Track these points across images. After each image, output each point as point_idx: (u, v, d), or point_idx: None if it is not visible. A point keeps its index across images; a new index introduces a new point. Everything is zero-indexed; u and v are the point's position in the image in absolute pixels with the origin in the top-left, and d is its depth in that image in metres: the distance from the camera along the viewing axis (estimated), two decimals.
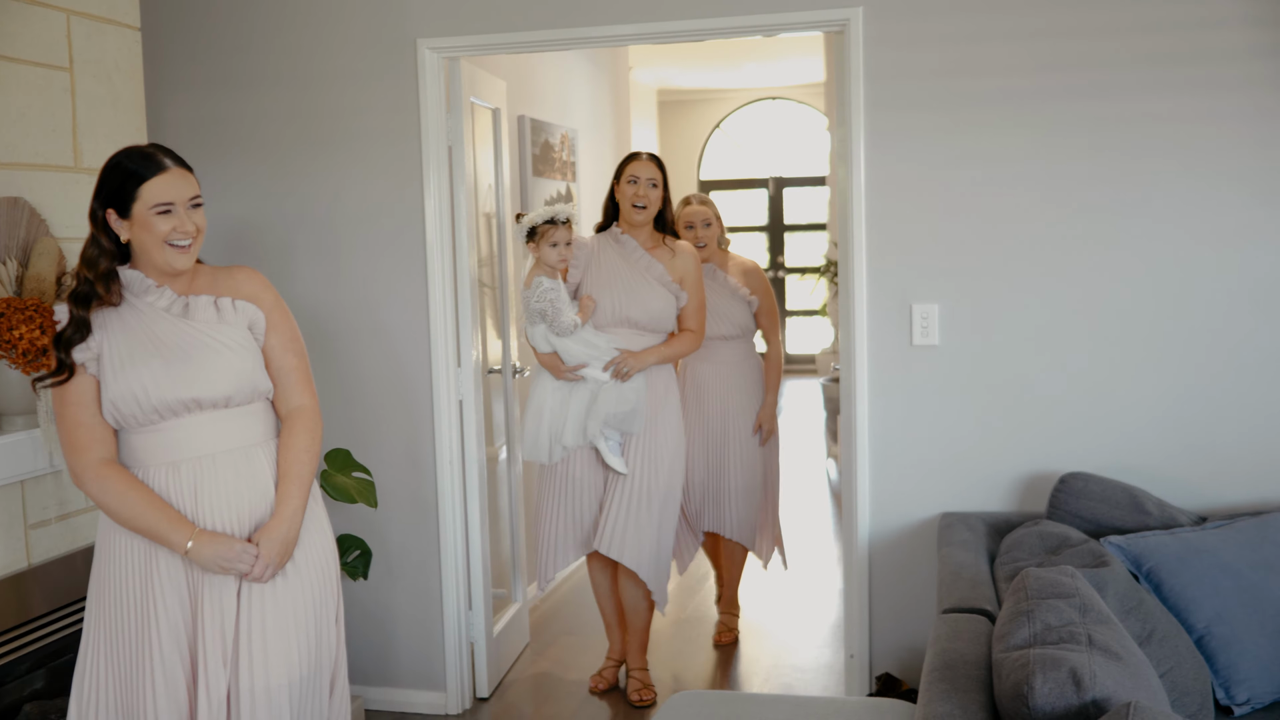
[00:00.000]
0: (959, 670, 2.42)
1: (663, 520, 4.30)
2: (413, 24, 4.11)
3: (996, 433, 3.84)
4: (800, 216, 13.86)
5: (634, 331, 4.26)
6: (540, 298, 4.17)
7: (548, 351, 4.23)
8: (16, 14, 3.26)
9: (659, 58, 10.71)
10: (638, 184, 4.32)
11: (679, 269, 4.35)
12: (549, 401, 4.27)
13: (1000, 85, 3.74)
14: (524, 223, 4.21)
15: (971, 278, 3.82)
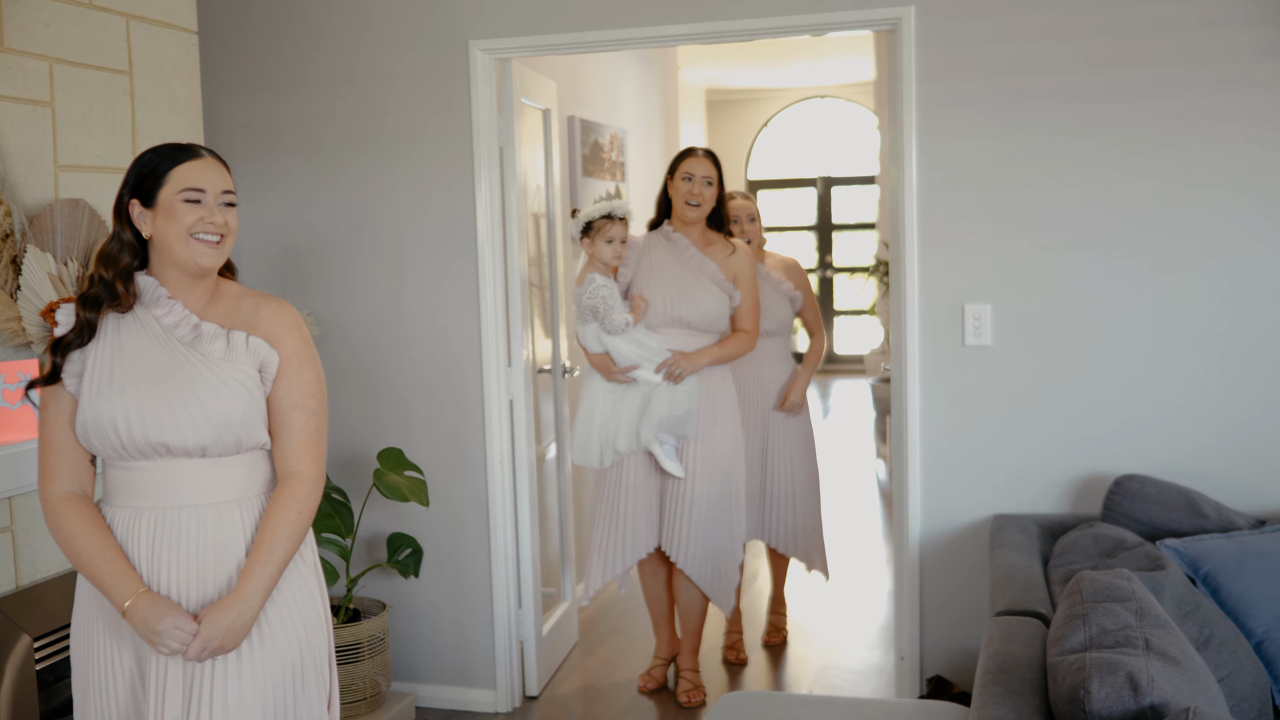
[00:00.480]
0: (1013, 673, 2.40)
1: (724, 525, 4.25)
2: (464, 25, 4.14)
3: (1049, 434, 3.81)
4: (848, 216, 13.80)
5: (686, 332, 4.19)
6: (593, 294, 4.11)
7: (599, 352, 4.18)
8: (78, 19, 3.31)
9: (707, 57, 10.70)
10: (692, 181, 4.24)
11: (733, 267, 4.27)
12: (600, 405, 4.20)
13: (1055, 83, 3.71)
14: (580, 217, 4.17)
15: (1025, 278, 3.79)
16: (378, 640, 4.06)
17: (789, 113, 13.81)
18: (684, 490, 4.19)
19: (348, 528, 4.04)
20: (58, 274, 3.14)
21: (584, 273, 4.21)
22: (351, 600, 4.17)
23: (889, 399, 8.11)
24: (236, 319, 2.43)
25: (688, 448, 4.20)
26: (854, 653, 4.91)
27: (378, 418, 4.35)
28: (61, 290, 3.14)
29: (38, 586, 3.07)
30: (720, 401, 4.27)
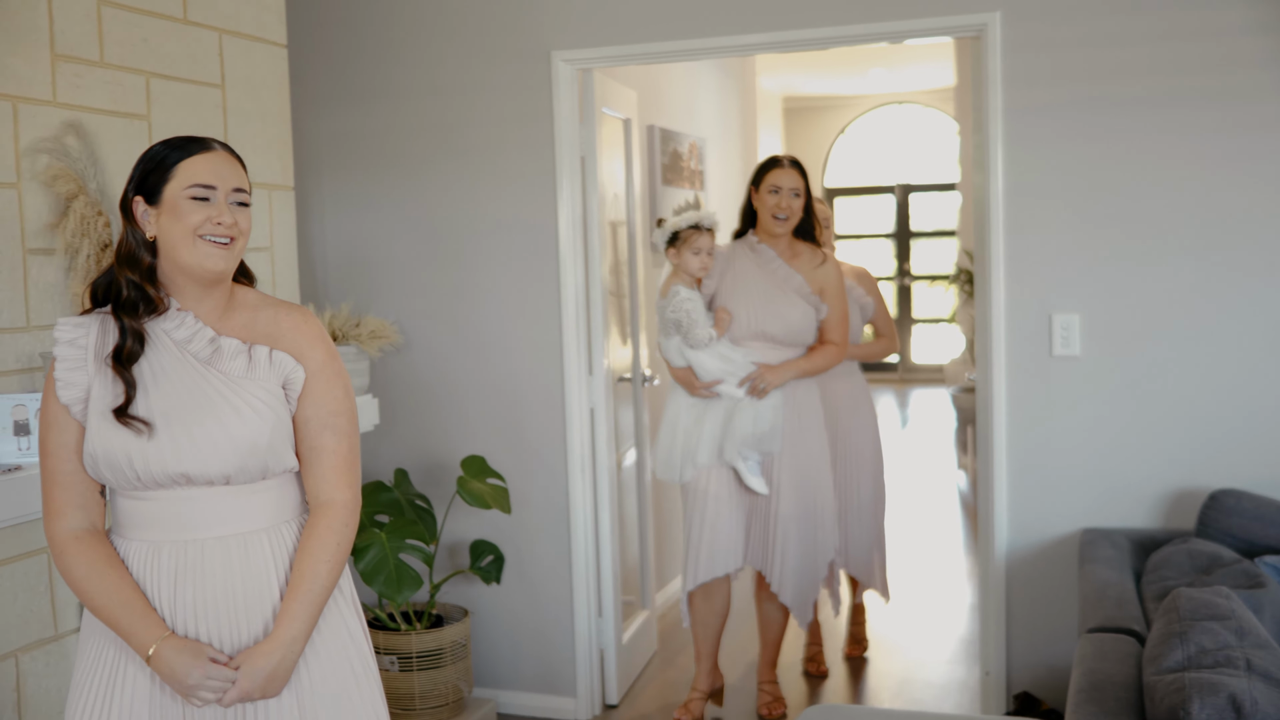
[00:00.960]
0: (1107, 692, 2.36)
1: (813, 543, 4.17)
2: (547, 36, 4.17)
3: (1140, 446, 3.74)
4: (927, 223, 13.66)
5: (771, 346, 4.10)
6: (676, 307, 4.02)
7: (682, 366, 4.09)
8: (174, 34, 3.39)
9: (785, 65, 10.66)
10: (780, 194, 4.12)
11: (820, 279, 4.16)
12: (683, 419, 4.11)
13: (1143, 87, 3.64)
14: (666, 227, 4.08)
15: (1114, 287, 3.72)
16: (460, 646, 4.09)
17: (866, 119, 13.72)
18: (771, 507, 4.11)
19: (431, 534, 4.07)
20: None
21: (668, 284, 4.11)
22: (434, 606, 4.21)
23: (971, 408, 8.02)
24: (256, 331, 2.20)
25: (774, 463, 4.11)
26: (935, 667, 4.85)
27: (460, 425, 4.39)
28: None
29: None
30: (807, 416, 4.18)
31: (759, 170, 4.22)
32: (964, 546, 6.68)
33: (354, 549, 3.76)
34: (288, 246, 3.88)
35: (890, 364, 13.91)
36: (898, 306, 13.82)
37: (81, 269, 3.03)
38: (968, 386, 7.92)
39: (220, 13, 3.56)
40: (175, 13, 3.39)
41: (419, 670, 3.99)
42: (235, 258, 2.16)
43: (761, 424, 4.02)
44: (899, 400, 12.45)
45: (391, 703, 4.01)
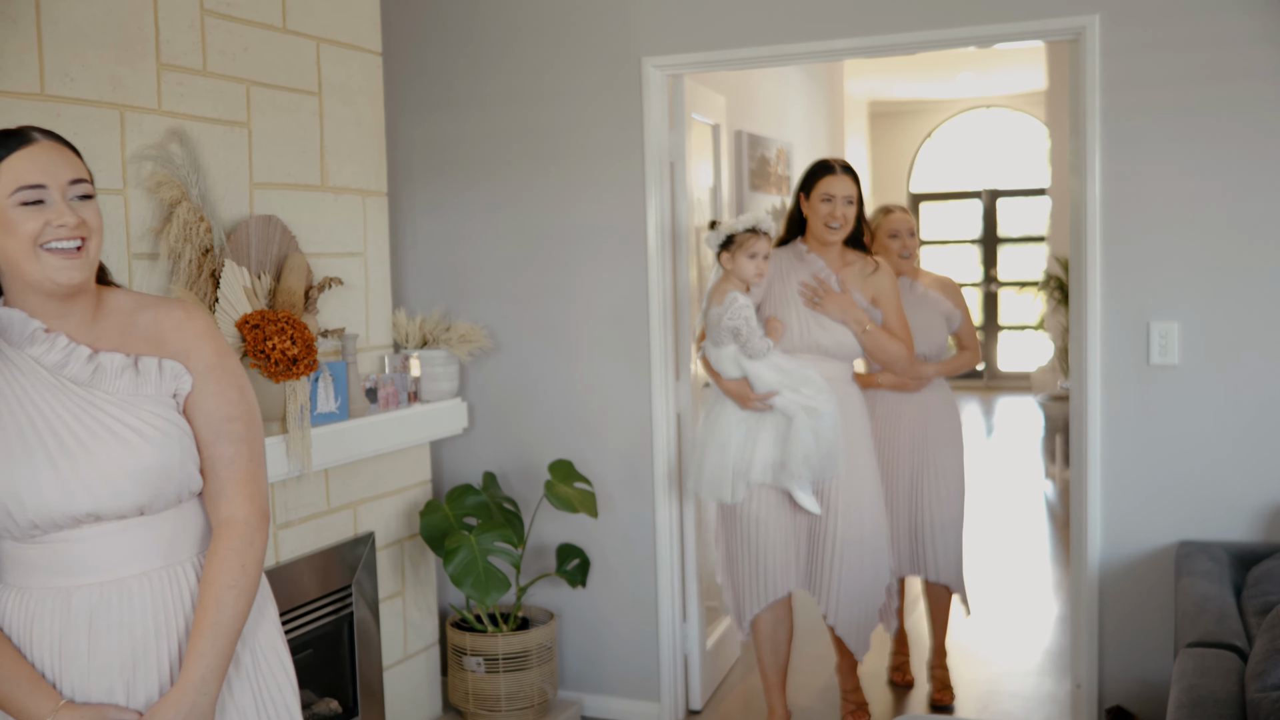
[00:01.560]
0: (1209, 708, 2.31)
1: (871, 568, 3.93)
2: (638, 43, 4.18)
3: (1239, 458, 3.65)
4: (1014, 229, 13.47)
5: (820, 358, 3.89)
6: (734, 315, 3.74)
7: (736, 377, 3.81)
8: (273, 43, 3.46)
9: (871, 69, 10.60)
10: (833, 203, 3.90)
11: (873, 287, 3.98)
12: (735, 434, 3.83)
13: (1244, 91, 3.56)
14: (721, 230, 3.82)
15: (1214, 295, 3.64)
16: (545, 649, 4.12)
17: (953, 124, 13.57)
18: (828, 529, 3.87)
19: (519, 537, 4.11)
20: (251, 287, 3.28)
21: (720, 290, 3.84)
22: (521, 608, 4.24)
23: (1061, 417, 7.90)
24: (135, 339, 1.93)
25: (828, 482, 3.87)
26: (1022, 678, 4.78)
27: (549, 429, 4.42)
28: (255, 303, 3.28)
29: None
30: (857, 433, 3.95)
31: (809, 175, 4.01)
32: (1051, 557, 6.57)
33: (445, 551, 3.80)
34: (381, 251, 3.95)
35: (975, 371, 13.74)
36: (983, 313, 13.64)
37: (184, 273, 3.11)
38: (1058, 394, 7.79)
39: (318, 21, 3.63)
40: (275, 22, 3.46)
41: (505, 672, 4.03)
42: (90, 264, 1.87)
43: (823, 443, 3.75)
44: (984, 408, 12.28)
45: (477, 704, 4.05)
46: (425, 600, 4.06)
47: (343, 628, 3.68)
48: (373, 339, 3.92)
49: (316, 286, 3.51)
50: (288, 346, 3.18)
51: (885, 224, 4.53)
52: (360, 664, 3.73)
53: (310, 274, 3.51)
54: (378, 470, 3.81)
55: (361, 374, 3.80)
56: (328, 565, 3.58)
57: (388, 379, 3.82)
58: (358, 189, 3.83)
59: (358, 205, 3.83)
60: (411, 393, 3.96)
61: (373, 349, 3.92)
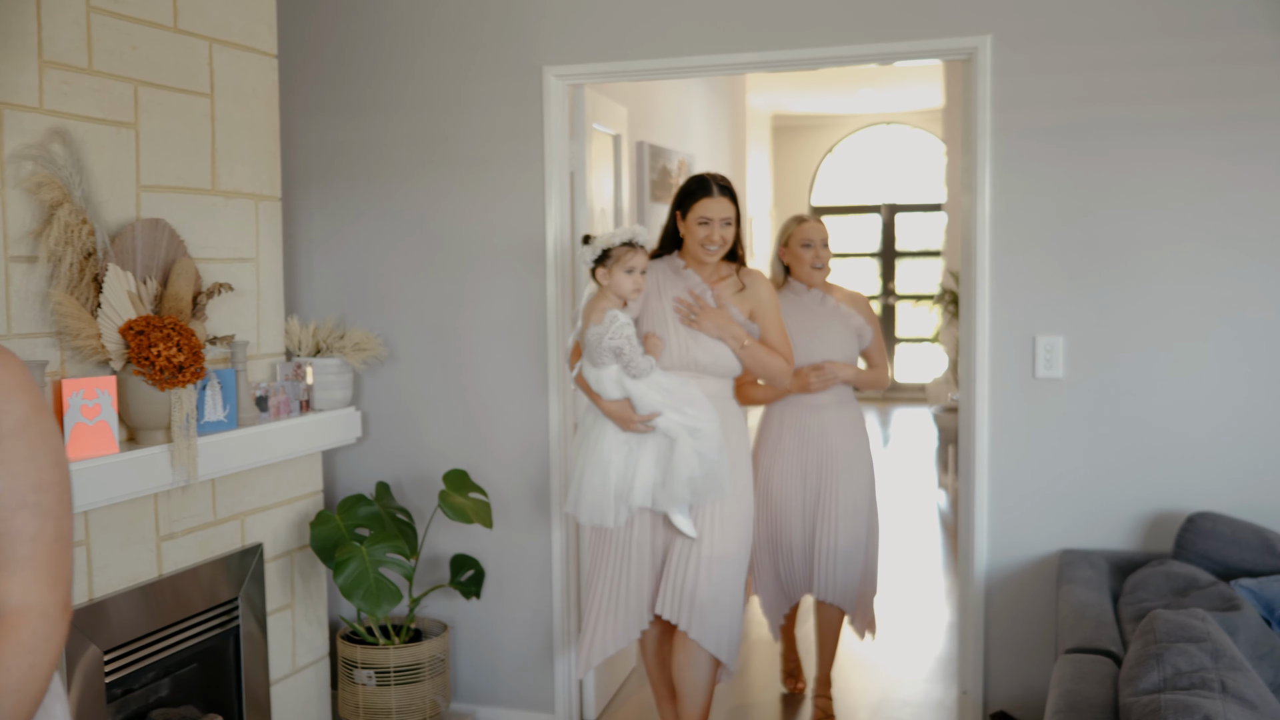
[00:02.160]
0: (1084, 713, 2.36)
1: (736, 583, 3.74)
2: (539, 52, 4.18)
3: (1121, 469, 3.75)
4: (913, 243, 13.72)
5: (699, 376, 3.71)
6: (616, 334, 3.56)
7: (618, 398, 3.62)
8: (163, 42, 3.39)
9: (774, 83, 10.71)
10: (710, 225, 3.72)
11: (750, 300, 3.80)
12: (615, 457, 3.65)
13: (1131, 114, 3.67)
14: (596, 244, 3.62)
15: (1099, 310, 3.74)
16: (438, 661, 4.08)
17: (854, 139, 13.78)
18: (694, 550, 3.66)
19: (412, 548, 4.07)
20: (137, 292, 3.21)
21: (596, 307, 3.64)
22: (414, 620, 4.19)
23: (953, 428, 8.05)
24: None
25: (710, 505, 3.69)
26: (913, 685, 4.86)
27: (445, 440, 4.39)
28: (140, 308, 3.20)
29: (109, 600, 3.12)
30: (738, 451, 3.78)
31: (684, 194, 3.80)
32: (943, 566, 6.70)
33: (335, 562, 3.75)
34: (274, 257, 3.88)
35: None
36: (882, 325, 13.86)
37: (65, 277, 3.03)
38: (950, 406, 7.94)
39: (211, 21, 3.56)
40: (165, 21, 3.39)
41: (396, 685, 3.98)
42: None
43: (706, 463, 3.60)
44: (881, 419, 12.48)
45: (368, 717, 4.00)
46: (315, 612, 4.00)
47: (229, 641, 3.61)
48: (264, 346, 3.85)
49: (205, 292, 3.44)
50: (173, 353, 3.12)
51: (798, 233, 4.43)
52: (247, 678, 3.65)
53: (199, 279, 3.44)
54: (268, 480, 3.74)
55: (252, 382, 3.73)
56: (214, 578, 3.51)
57: (279, 387, 3.75)
58: (250, 193, 3.76)
59: (250, 210, 3.76)
60: (304, 401, 3.89)
61: (264, 357, 3.85)
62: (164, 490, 3.27)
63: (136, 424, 3.22)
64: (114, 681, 3.17)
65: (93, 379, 3.04)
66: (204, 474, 3.32)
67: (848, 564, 4.38)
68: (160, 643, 3.33)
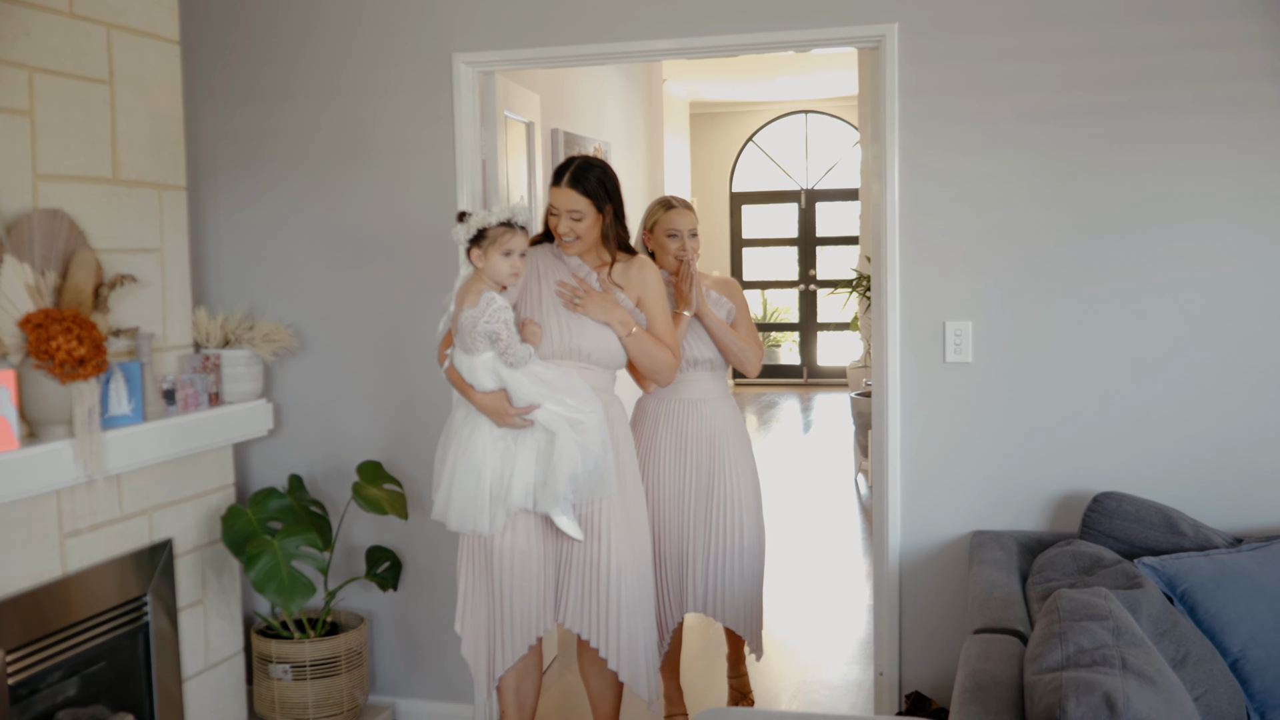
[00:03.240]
0: (990, 692, 2.40)
1: (648, 597, 3.52)
2: (447, 38, 4.14)
3: (1029, 451, 3.82)
4: (832, 230, 13.84)
5: (580, 365, 3.45)
6: (492, 317, 3.28)
7: (492, 389, 3.34)
8: (59, 28, 3.30)
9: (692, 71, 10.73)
10: (558, 217, 3.49)
11: (635, 286, 3.55)
12: (490, 455, 3.36)
13: (1038, 102, 3.73)
14: (471, 222, 3.35)
15: (1006, 296, 3.80)
16: (355, 654, 4.04)
17: (773, 127, 13.85)
18: (594, 556, 3.41)
19: (326, 541, 4.02)
20: (35, 284, 3.12)
21: (471, 290, 3.37)
22: (330, 613, 4.15)
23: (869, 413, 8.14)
24: None
25: (594, 503, 3.44)
26: (833, 668, 4.91)
27: (359, 431, 4.34)
28: (39, 301, 3.12)
29: (12, 600, 3.04)
30: (623, 448, 3.53)
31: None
32: (862, 549, 6.78)
33: (246, 556, 3.69)
34: (179, 248, 3.81)
35: (794, 367, 14.06)
36: (801, 312, 13.97)
37: None
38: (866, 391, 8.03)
39: (109, 7, 3.48)
40: (60, 6, 3.30)
41: (313, 679, 3.94)
42: None
43: (589, 459, 3.33)
44: (802, 405, 12.58)
45: (284, 712, 3.95)
46: (228, 608, 3.93)
47: (138, 639, 3.54)
48: (171, 339, 3.77)
49: (108, 284, 3.36)
50: (74, 347, 3.04)
51: (664, 221, 4.04)
52: (158, 675, 3.59)
53: (101, 271, 3.36)
54: (177, 475, 3.67)
55: (159, 375, 3.66)
56: (122, 574, 3.44)
57: (186, 380, 3.68)
58: (154, 183, 3.68)
59: (153, 199, 3.68)
60: (213, 394, 3.83)
61: (171, 349, 3.78)
62: (67, 487, 3.20)
63: (38, 419, 3.14)
64: (18, 683, 3.10)
65: None
66: (109, 469, 3.25)
67: (741, 574, 4.03)
68: (66, 642, 3.25)
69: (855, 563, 6.50)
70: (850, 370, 10.53)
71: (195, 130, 4.32)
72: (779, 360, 14.25)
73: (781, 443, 10.35)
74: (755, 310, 14.28)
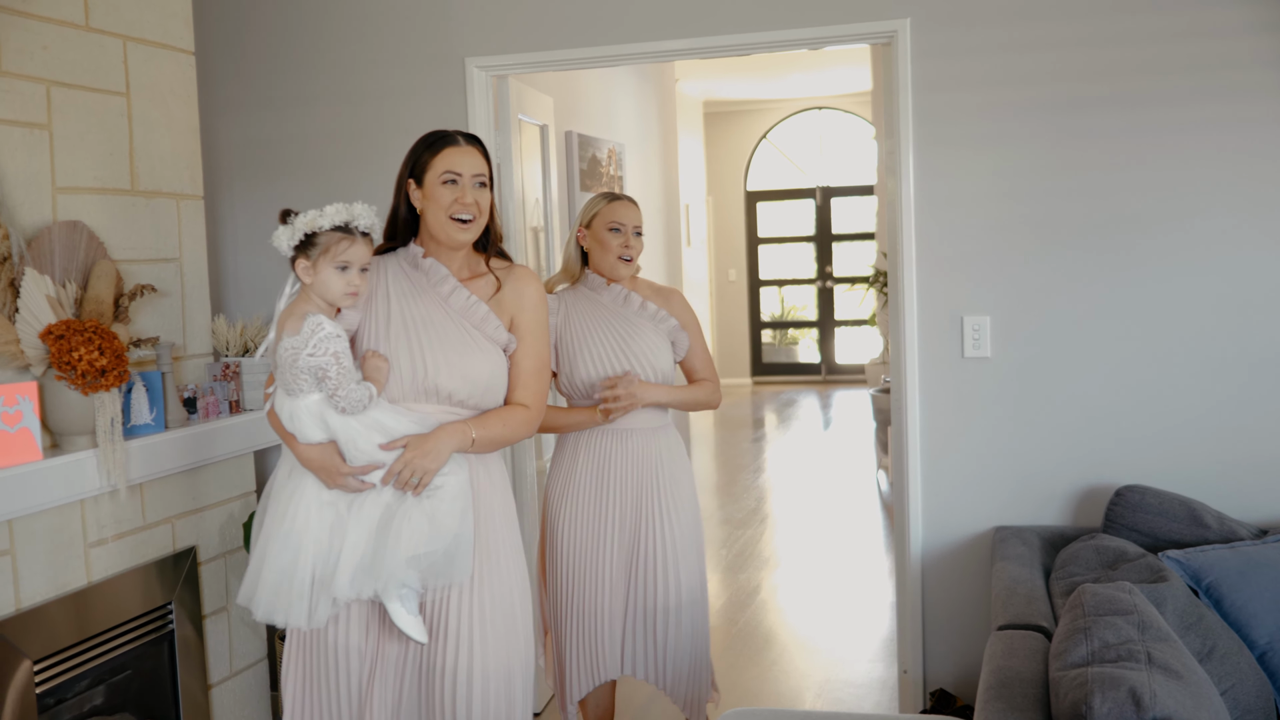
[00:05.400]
0: (1015, 689, 2.40)
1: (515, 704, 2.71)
2: (461, 43, 4.15)
3: (1050, 446, 3.81)
4: (848, 226, 13.82)
5: (442, 409, 2.66)
6: (318, 348, 2.53)
7: (319, 440, 2.59)
8: (76, 41, 3.32)
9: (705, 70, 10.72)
10: (460, 184, 2.72)
11: (510, 303, 2.77)
12: (313, 525, 2.58)
13: (1052, 94, 3.71)
14: (297, 225, 2.65)
15: (1024, 290, 3.78)
16: None
17: (787, 124, 13.83)
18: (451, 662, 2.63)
19: None
20: (56, 296, 3.15)
21: (295, 313, 2.62)
22: None
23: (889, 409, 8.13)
24: None
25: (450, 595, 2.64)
26: (857, 666, 4.90)
27: None
28: (60, 312, 3.14)
29: (38, 610, 3.06)
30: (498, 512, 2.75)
31: (418, 150, 2.83)
32: (884, 546, 6.76)
33: None
34: (198, 257, 3.83)
35: (813, 365, 14.05)
36: (819, 309, 13.95)
37: None
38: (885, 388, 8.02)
39: (124, 19, 3.50)
40: (77, 19, 3.33)
41: None
42: None
43: (440, 535, 2.56)
44: (822, 402, 12.57)
45: None
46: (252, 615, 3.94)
47: (163, 647, 3.56)
48: (191, 347, 3.79)
49: (127, 294, 3.38)
50: (95, 357, 3.06)
51: (606, 213, 3.45)
52: (184, 683, 3.61)
53: (121, 281, 3.38)
54: (199, 482, 3.69)
55: (180, 384, 3.68)
56: (146, 583, 3.46)
57: (207, 388, 3.70)
58: (171, 193, 3.70)
59: (172, 209, 3.70)
60: (233, 401, 3.84)
61: (191, 358, 3.80)
62: (91, 496, 3.22)
63: (61, 430, 3.16)
64: (45, 692, 3.12)
65: (13, 385, 2.98)
66: (132, 478, 3.26)
67: (676, 635, 3.42)
68: (92, 651, 3.27)
69: (877, 560, 6.49)
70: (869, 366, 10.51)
71: (211, 139, 4.34)
72: (797, 358, 14.23)
73: (801, 440, 10.34)
74: (773, 308, 14.26)
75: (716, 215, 13.83)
